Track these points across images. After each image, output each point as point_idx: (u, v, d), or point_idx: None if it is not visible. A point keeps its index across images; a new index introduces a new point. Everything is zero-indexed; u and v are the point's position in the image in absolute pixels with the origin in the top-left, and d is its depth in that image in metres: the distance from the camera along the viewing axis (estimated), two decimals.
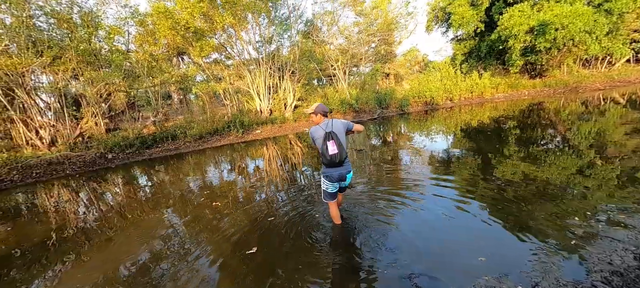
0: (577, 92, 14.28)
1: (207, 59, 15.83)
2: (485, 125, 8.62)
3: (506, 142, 6.30)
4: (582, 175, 3.90)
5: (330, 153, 2.60)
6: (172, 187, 5.87)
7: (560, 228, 2.63)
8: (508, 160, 4.94)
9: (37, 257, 3.39)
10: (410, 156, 6.00)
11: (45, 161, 8.67)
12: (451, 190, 3.83)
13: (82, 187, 6.76)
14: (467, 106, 13.97)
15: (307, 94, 16.76)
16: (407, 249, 2.57)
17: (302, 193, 4.29)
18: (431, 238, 2.72)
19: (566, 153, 5.00)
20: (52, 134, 10.15)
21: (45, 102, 10.93)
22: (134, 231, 3.83)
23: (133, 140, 10.20)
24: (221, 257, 2.83)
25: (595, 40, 13.54)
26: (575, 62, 17.71)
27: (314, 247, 2.79)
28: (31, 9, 9.32)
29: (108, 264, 3.04)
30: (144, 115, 13.07)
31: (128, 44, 12.06)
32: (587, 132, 6.30)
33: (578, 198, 3.20)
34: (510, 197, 3.40)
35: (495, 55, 17.77)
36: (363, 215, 3.33)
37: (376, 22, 17.47)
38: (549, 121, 8.07)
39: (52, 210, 5.14)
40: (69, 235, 3.95)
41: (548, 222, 2.75)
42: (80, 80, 11.01)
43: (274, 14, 13.86)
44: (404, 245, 2.64)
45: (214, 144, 10.72)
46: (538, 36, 13.41)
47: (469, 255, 2.38)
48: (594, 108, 9.39)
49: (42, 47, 9.32)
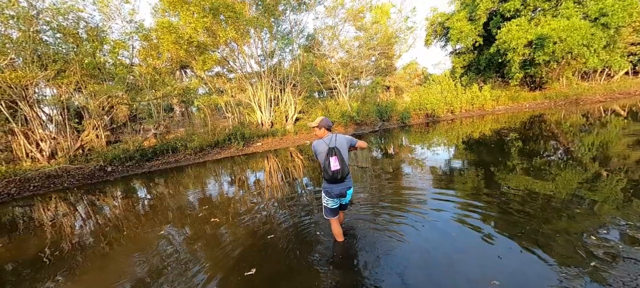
0: (577, 104, 14.28)
1: (209, 72, 16.01)
2: (489, 137, 8.55)
3: (510, 154, 6.20)
4: (593, 189, 3.78)
5: (333, 169, 2.54)
6: (170, 200, 5.75)
7: (576, 247, 2.49)
8: (513, 173, 4.83)
9: (31, 273, 3.25)
10: (414, 169, 5.89)
11: (44, 174, 8.57)
12: (456, 206, 3.70)
13: (79, 201, 6.64)
14: (469, 118, 13.95)
15: (308, 106, 16.81)
16: (414, 272, 2.44)
17: (302, 209, 4.17)
18: (439, 259, 2.58)
19: (571, 166, 4.90)
20: (53, 146, 10.11)
21: (47, 115, 10.96)
22: (131, 247, 3.69)
23: (133, 153, 10.14)
24: (219, 278, 2.69)
25: (594, 53, 13.67)
26: (574, 75, 17.85)
27: (315, 269, 2.65)
28: (39, 24, 9.49)
29: (103, 281, 2.90)
30: (146, 127, 13.07)
31: (132, 57, 12.20)
32: (591, 144, 6.21)
33: (590, 214, 3.08)
34: (518, 213, 3.28)
35: (495, 68, 17.93)
36: (366, 233, 3.19)
37: (376, 36, 17.75)
38: (552, 133, 8.00)
39: (48, 224, 5.01)
40: (64, 250, 3.81)
41: (562, 240, 2.62)
42: (83, 93, 11.08)
43: (276, 29, 14.12)
44: (411, 268, 2.50)
45: (214, 156, 10.64)
46: (536, 49, 13.55)
47: (482, 278, 2.25)
48: (595, 120, 9.34)
49: (46, 61, 9.42)
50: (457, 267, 2.41)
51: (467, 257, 2.57)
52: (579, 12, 13.77)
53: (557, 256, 2.41)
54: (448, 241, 2.88)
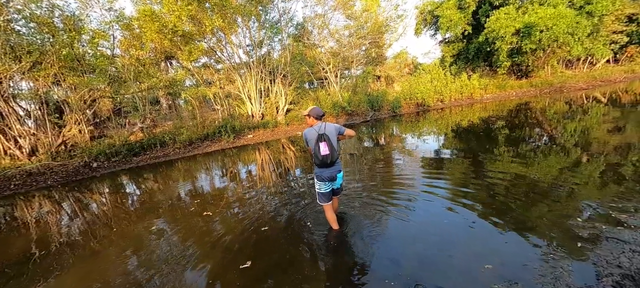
0: (562, 91, 14.70)
1: (196, 63, 15.52)
2: (477, 125, 8.70)
3: (498, 142, 6.35)
4: (576, 173, 3.92)
5: (322, 154, 2.68)
6: (161, 195, 5.62)
7: (563, 230, 2.59)
8: (500, 160, 4.95)
9: (18, 273, 3.13)
10: (404, 158, 5.95)
11: (25, 172, 8.20)
12: (447, 193, 3.78)
13: (64, 199, 6.40)
14: (458, 107, 14.16)
15: (299, 97, 16.62)
16: (409, 257, 2.48)
17: (296, 200, 4.15)
18: (433, 246, 2.63)
19: (555, 151, 5.06)
20: (33, 142, 9.65)
21: (25, 110, 10.42)
22: (121, 244, 3.59)
23: (119, 148, 9.81)
24: (214, 272, 2.66)
25: (578, 41, 14.01)
26: (559, 63, 18.30)
27: (311, 258, 2.66)
28: (9, 13, 8.87)
29: (94, 279, 2.82)
30: (131, 121, 12.63)
31: (113, 48, 11.65)
32: (573, 130, 6.42)
33: (573, 197, 3.20)
34: (505, 198, 3.38)
35: (483, 57, 18.15)
36: (360, 221, 3.23)
37: (366, 25, 17.57)
38: (537, 120, 8.22)
39: (31, 224, 4.81)
40: (52, 249, 3.68)
41: (549, 223, 2.72)
42: (62, 86, 10.54)
43: (264, 17, 13.72)
44: (406, 253, 2.55)
45: (204, 149, 10.44)
46: (524, 38, 13.76)
47: (475, 262, 2.31)
48: (578, 107, 9.64)
49: (20, 52, 8.86)
50: (450, 252, 2.47)
51: (459, 242, 2.63)
52: (564, 0, 13.99)
53: (545, 238, 2.50)
54: (440, 227, 2.94)
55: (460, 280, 2.11)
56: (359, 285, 2.23)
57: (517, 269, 2.16)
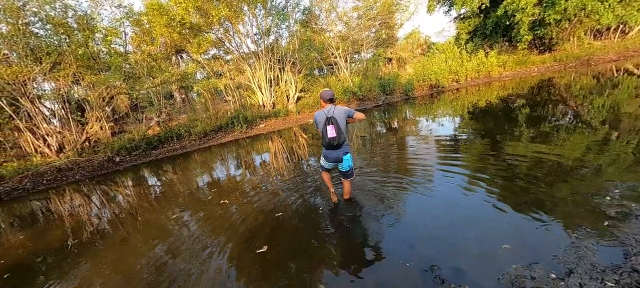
0: (589, 65, 13.70)
1: (205, 56, 15.65)
2: (495, 105, 8.33)
3: (518, 121, 6.06)
4: (602, 151, 3.69)
5: (329, 136, 2.80)
6: (180, 186, 5.84)
7: (587, 209, 2.47)
8: (520, 140, 4.73)
9: (57, 261, 3.42)
10: (419, 141, 5.83)
11: (55, 168, 8.74)
12: (462, 175, 3.68)
13: (92, 191, 6.80)
14: (474, 86, 13.58)
15: (309, 84, 16.49)
16: (424, 239, 2.46)
17: (309, 186, 4.19)
18: (448, 227, 2.59)
19: (580, 129, 4.77)
20: (59, 140, 10.22)
21: (50, 109, 10.98)
22: (147, 231, 3.80)
23: (139, 142, 10.21)
24: (233, 256, 2.77)
25: (608, 8, 12.87)
26: (586, 34, 16.96)
27: (325, 241, 2.70)
28: (26, 16, 9.22)
29: (125, 264, 3.04)
30: (148, 116, 13.06)
31: (125, 45, 11.92)
32: (601, 106, 6.00)
33: (599, 176, 3.02)
34: (526, 178, 3.24)
35: (502, 32, 17.12)
36: (374, 203, 3.22)
37: (376, 5, 16.92)
38: (561, 97, 7.75)
39: (66, 216, 5.17)
40: (85, 238, 3.96)
41: (572, 203, 2.60)
42: (82, 85, 10.98)
43: (270, 4, 13.50)
44: (421, 235, 2.53)
45: (219, 140, 10.67)
46: (547, 8, 12.80)
47: (492, 242, 2.26)
48: (606, 81, 8.97)
49: (40, 54, 9.26)
50: (467, 233, 2.43)
51: (477, 223, 2.57)
52: None
53: (568, 217, 2.39)
54: (457, 209, 2.88)
55: (477, 261, 2.08)
56: (373, 267, 2.25)
57: (537, 249, 2.09)
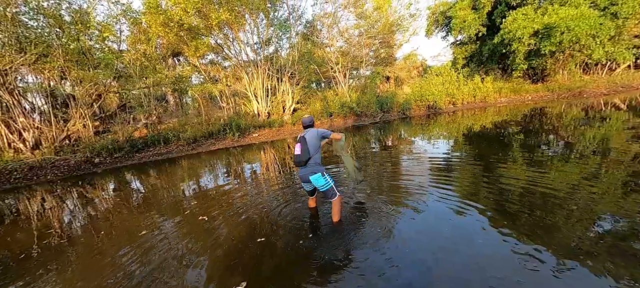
0: (581, 96, 14.00)
1: (203, 60, 15.37)
2: (490, 130, 8.21)
3: (511, 147, 5.88)
4: (593, 183, 3.46)
5: (295, 153, 2.98)
6: (158, 195, 5.34)
7: (575, 241, 2.33)
8: (513, 166, 4.53)
9: (17, 267, 2.91)
10: (413, 161, 5.56)
11: (27, 165, 8.09)
12: (454, 198, 3.54)
13: (64, 194, 6.19)
14: (470, 110, 13.62)
15: (306, 97, 16.32)
16: (419, 270, 2.27)
17: (297, 208, 3.79)
18: (434, 251, 2.49)
19: (572, 159, 4.59)
20: (36, 136, 9.56)
21: (30, 102, 10.37)
22: (113, 240, 3.31)
23: (123, 144, 9.65)
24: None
25: (599, 44, 13.31)
26: (576, 67, 17.49)
27: (313, 277, 2.31)
28: (17, 4, 8.79)
29: (93, 274, 2.64)
30: (136, 117, 12.51)
31: (120, 42, 11.54)
32: (592, 138, 5.90)
33: (589, 208, 2.91)
34: (517, 205, 3.14)
35: (497, 60, 17.52)
36: (367, 228, 2.99)
37: (377, 24, 17.15)
38: (553, 126, 7.68)
39: (30, 218, 4.59)
40: (50, 244, 3.47)
41: (561, 234, 2.48)
42: (68, 80, 10.46)
43: (273, 14, 13.47)
44: (415, 266, 2.33)
45: (208, 147, 10.20)
46: (543, 39, 13.13)
47: (478, 273, 2.03)
48: (596, 113, 9.02)
49: (25, 45, 8.77)
50: (463, 266, 2.17)
51: (462, 250, 2.45)
52: (587, 0, 13.32)
53: (557, 249, 2.30)
54: (444, 234, 2.77)
55: None
56: None
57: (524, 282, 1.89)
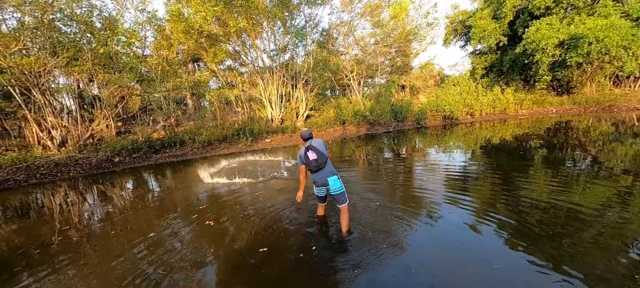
0: (611, 111, 13.17)
1: (221, 66, 15.82)
2: (510, 143, 7.83)
3: (533, 162, 5.54)
4: (625, 203, 3.16)
5: (311, 158, 3.00)
6: (169, 196, 5.44)
7: (603, 266, 2.02)
8: (535, 182, 4.23)
9: (37, 257, 3.24)
10: (427, 172, 5.37)
11: (52, 162, 8.53)
12: (470, 213, 3.40)
13: (84, 190, 6.45)
14: (489, 122, 13.13)
15: (320, 103, 16.37)
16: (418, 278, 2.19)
17: (302, 219, 3.70)
18: (445, 269, 2.38)
19: (601, 177, 4.24)
20: (64, 135, 10.11)
21: (60, 103, 11.00)
22: (128, 237, 3.37)
23: (141, 144, 10.00)
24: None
25: (632, 56, 12.54)
26: (606, 79, 16.55)
27: (314, 274, 2.26)
28: (54, 12, 9.45)
29: (106, 267, 2.75)
30: (156, 119, 12.99)
31: (144, 48, 12.11)
32: (624, 155, 5.46)
33: (619, 231, 2.66)
34: (538, 225, 2.93)
35: (519, 71, 16.88)
36: (372, 234, 2.98)
37: (393, 33, 17.06)
38: (580, 141, 7.21)
39: (52, 212, 4.80)
40: (69, 238, 3.63)
41: (588, 257, 2.23)
42: (95, 82, 11.05)
43: (290, 22, 13.72)
44: (416, 274, 2.25)
45: (222, 151, 10.37)
46: (569, 50, 12.54)
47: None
48: (628, 129, 8.41)
49: (59, 49, 9.37)
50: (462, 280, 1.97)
51: (476, 271, 2.29)
52: (618, 10, 12.64)
53: (583, 275, 2.11)
54: (458, 250, 2.63)
55: None
56: None
57: None
